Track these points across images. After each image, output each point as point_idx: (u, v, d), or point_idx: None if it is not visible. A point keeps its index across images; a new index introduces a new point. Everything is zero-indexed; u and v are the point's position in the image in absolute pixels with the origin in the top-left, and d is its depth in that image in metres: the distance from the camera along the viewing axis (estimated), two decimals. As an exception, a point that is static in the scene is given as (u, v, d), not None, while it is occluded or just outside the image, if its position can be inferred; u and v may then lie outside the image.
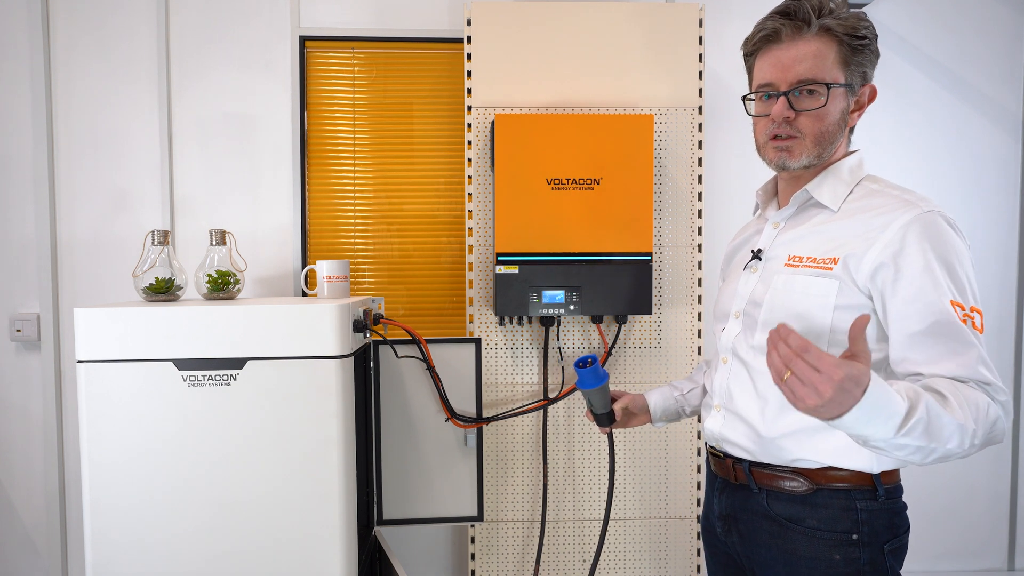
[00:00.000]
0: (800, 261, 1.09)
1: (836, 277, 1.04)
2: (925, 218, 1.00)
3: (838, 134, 1.11)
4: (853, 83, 1.09)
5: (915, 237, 0.99)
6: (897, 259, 1.00)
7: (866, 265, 1.02)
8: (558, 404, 2.05)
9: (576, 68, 2.03)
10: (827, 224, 1.10)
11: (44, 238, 2.18)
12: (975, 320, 0.98)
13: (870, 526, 1.07)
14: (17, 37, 2.17)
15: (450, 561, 2.33)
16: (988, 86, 2.37)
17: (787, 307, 1.09)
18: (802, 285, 1.07)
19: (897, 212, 1.02)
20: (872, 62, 1.10)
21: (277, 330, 1.37)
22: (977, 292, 1.01)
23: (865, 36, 1.07)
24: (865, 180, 1.12)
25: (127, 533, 1.37)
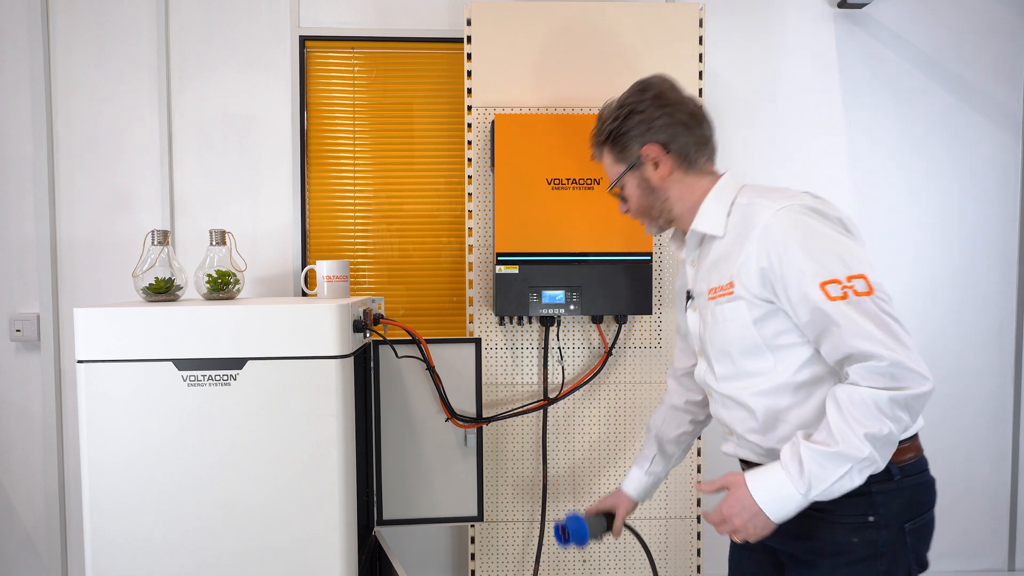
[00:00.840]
0: (715, 292, 1.18)
1: (739, 297, 1.13)
2: (775, 219, 1.09)
3: (652, 200, 1.26)
4: (633, 162, 1.24)
5: (771, 239, 1.08)
6: (768, 264, 1.09)
7: (751, 279, 1.11)
8: (558, 404, 2.05)
9: (576, 68, 2.02)
10: (721, 251, 1.19)
11: (44, 238, 2.18)
12: (856, 286, 1.03)
13: (887, 508, 1.10)
14: (17, 37, 2.17)
15: (450, 561, 2.33)
16: (988, 86, 2.37)
17: (722, 337, 1.18)
18: (722, 314, 1.17)
19: (754, 221, 1.11)
20: (633, 134, 1.23)
21: (277, 330, 1.37)
22: (857, 257, 1.06)
23: (610, 131, 1.25)
24: (738, 197, 1.19)
25: (127, 533, 1.37)
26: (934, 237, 2.38)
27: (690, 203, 1.24)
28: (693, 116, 1.23)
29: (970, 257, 2.39)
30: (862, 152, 2.36)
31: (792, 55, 2.33)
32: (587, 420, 2.07)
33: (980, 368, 2.41)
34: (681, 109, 1.22)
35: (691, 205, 1.24)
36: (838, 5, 2.32)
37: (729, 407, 1.23)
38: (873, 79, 2.35)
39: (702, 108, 1.26)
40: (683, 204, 1.24)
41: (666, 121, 1.21)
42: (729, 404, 1.23)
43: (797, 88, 2.33)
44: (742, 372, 1.18)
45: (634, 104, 1.23)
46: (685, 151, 1.22)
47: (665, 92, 1.23)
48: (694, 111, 1.24)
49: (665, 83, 1.25)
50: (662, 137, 1.22)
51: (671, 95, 1.24)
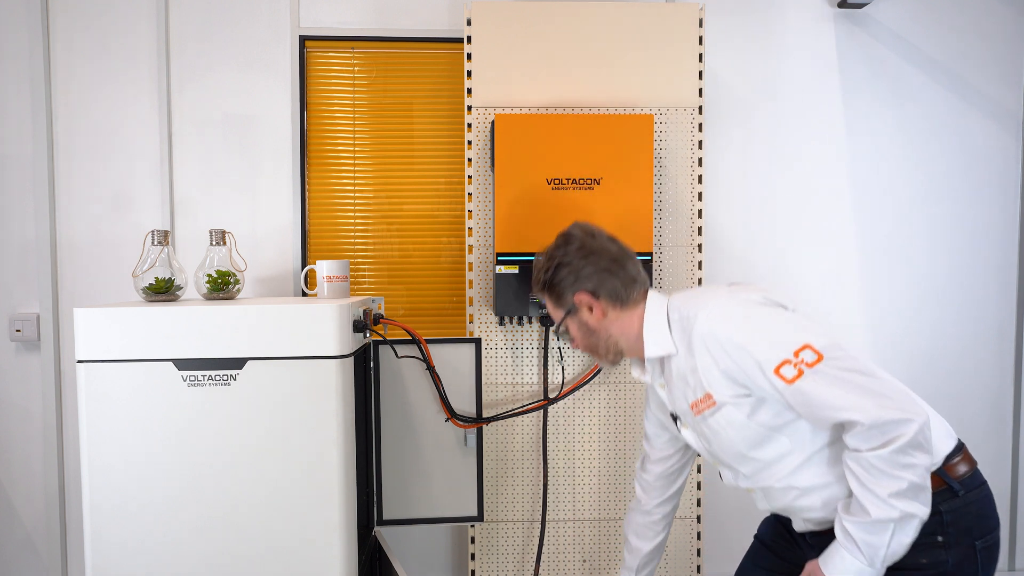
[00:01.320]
0: (697, 406, 1.22)
1: (723, 404, 1.17)
2: (707, 326, 1.15)
3: (594, 340, 1.32)
4: (570, 307, 1.31)
5: (715, 345, 1.13)
6: (726, 366, 1.13)
7: (721, 385, 1.16)
8: (558, 404, 2.05)
9: (576, 68, 2.02)
10: (680, 368, 1.23)
11: (44, 238, 2.18)
12: (805, 358, 1.07)
13: (956, 526, 1.12)
14: (17, 37, 2.17)
15: (450, 561, 2.33)
16: (988, 86, 2.37)
17: (728, 443, 1.21)
18: (716, 424, 1.20)
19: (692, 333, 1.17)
20: (565, 287, 1.30)
21: (277, 330, 1.37)
22: (795, 328, 1.11)
23: (545, 281, 1.32)
24: (670, 313, 1.25)
25: (127, 533, 1.37)
26: (934, 237, 2.38)
27: (633, 335, 1.29)
28: (615, 260, 1.29)
29: (970, 257, 2.39)
30: (862, 152, 2.36)
31: (792, 55, 2.33)
32: (587, 420, 2.07)
33: (980, 368, 2.41)
34: (604, 256, 1.29)
35: (635, 336, 1.29)
36: (838, 5, 2.32)
37: (777, 496, 1.24)
38: (873, 79, 2.35)
39: (624, 249, 1.32)
40: (627, 338, 1.30)
41: (591, 270, 1.28)
42: (775, 494, 1.24)
43: (797, 88, 2.33)
44: (767, 462, 1.20)
45: (561, 257, 1.30)
46: (615, 293, 1.28)
47: (586, 243, 1.30)
48: (616, 255, 1.30)
49: (586, 233, 1.32)
50: (590, 285, 1.28)
51: (592, 244, 1.30)
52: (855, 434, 1.04)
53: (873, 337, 2.37)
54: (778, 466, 1.19)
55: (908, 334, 2.37)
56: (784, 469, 1.19)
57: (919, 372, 2.38)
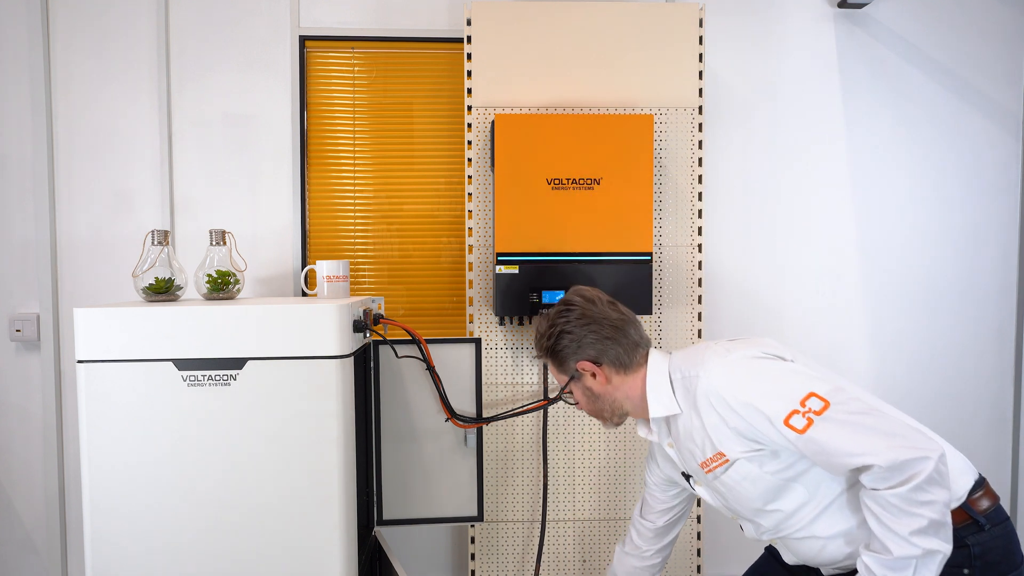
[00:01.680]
0: (708, 464, 1.22)
1: (737, 459, 1.17)
2: (711, 386, 1.16)
3: (599, 405, 1.34)
4: (573, 374, 1.32)
5: (721, 405, 1.14)
6: (736, 424, 1.14)
7: (732, 441, 1.16)
8: (558, 404, 2.05)
9: (576, 68, 2.02)
10: (686, 427, 1.24)
11: (44, 238, 2.18)
12: (812, 407, 1.08)
13: (983, 559, 1.12)
14: (17, 37, 2.17)
15: (450, 561, 2.33)
16: (989, 86, 2.37)
17: (745, 498, 1.21)
18: (731, 480, 1.20)
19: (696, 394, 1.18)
20: (567, 355, 1.31)
21: (277, 330, 1.37)
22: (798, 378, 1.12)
23: (548, 348, 1.33)
24: (673, 373, 1.26)
25: (127, 533, 1.37)
26: (934, 237, 2.38)
27: (637, 397, 1.30)
28: (616, 327, 1.29)
29: (970, 257, 2.39)
30: (862, 152, 2.36)
31: (792, 55, 2.33)
32: (587, 420, 2.07)
33: (980, 368, 2.41)
34: (604, 324, 1.29)
35: (639, 398, 1.30)
36: (838, 5, 2.32)
37: (800, 545, 1.23)
38: (873, 79, 2.35)
39: (624, 315, 1.32)
40: (631, 401, 1.31)
41: (593, 339, 1.29)
42: (797, 545, 1.24)
43: (797, 88, 2.33)
44: (787, 513, 1.20)
45: (563, 325, 1.31)
46: (617, 359, 1.29)
47: (587, 311, 1.30)
48: (616, 322, 1.30)
49: (586, 300, 1.32)
50: (592, 353, 1.29)
51: (592, 312, 1.30)
52: (872, 475, 1.04)
53: (872, 337, 2.37)
54: (797, 516, 1.19)
55: (908, 334, 2.37)
56: (803, 519, 1.19)
57: (919, 372, 2.38)
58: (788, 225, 2.34)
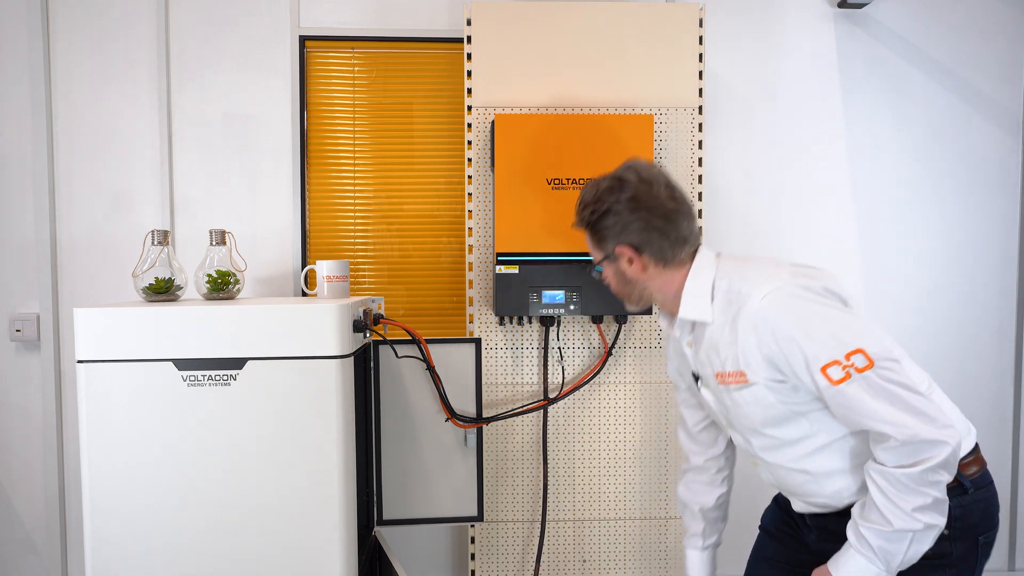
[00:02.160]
0: (724, 378, 1.18)
1: (755, 383, 1.13)
2: (762, 308, 1.09)
3: (628, 289, 1.28)
4: (608, 253, 1.25)
5: (765, 329, 1.09)
6: (770, 351, 1.09)
7: (759, 365, 1.12)
8: (558, 404, 2.05)
9: (576, 68, 2.02)
10: (714, 337, 1.18)
11: (44, 238, 2.18)
12: (856, 363, 1.04)
13: (963, 521, 1.12)
14: (17, 37, 2.17)
15: (450, 561, 2.33)
16: (989, 86, 2.37)
17: (750, 418, 1.18)
18: (741, 398, 1.17)
19: (742, 310, 1.12)
20: (608, 235, 1.23)
21: (277, 330, 1.37)
22: (851, 330, 1.06)
23: (589, 221, 1.25)
24: (716, 281, 1.19)
25: (127, 532, 1.37)
26: (934, 237, 2.38)
27: (671, 293, 1.24)
28: (667, 218, 1.21)
29: (970, 257, 2.39)
30: (862, 152, 2.36)
31: (792, 55, 2.33)
32: (587, 420, 2.07)
33: (980, 369, 2.40)
34: (656, 213, 1.20)
35: (672, 295, 1.24)
36: (838, 5, 2.31)
37: (783, 474, 1.23)
38: (873, 79, 2.35)
39: (679, 204, 1.22)
40: (663, 294, 1.26)
41: (640, 226, 1.21)
42: (781, 472, 1.23)
43: (797, 88, 2.33)
44: (782, 441, 1.18)
45: (610, 204, 1.22)
46: (660, 252, 1.22)
47: (640, 195, 1.21)
48: (668, 214, 1.21)
49: (641, 184, 1.21)
50: (635, 240, 1.21)
51: (646, 198, 1.20)
52: (886, 448, 1.03)
53: (873, 337, 2.37)
54: (793, 448, 1.18)
55: (908, 334, 2.37)
56: (798, 452, 1.17)
57: (919, 372, 2.38)
58: (788, 225, 2.34)
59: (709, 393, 1.26)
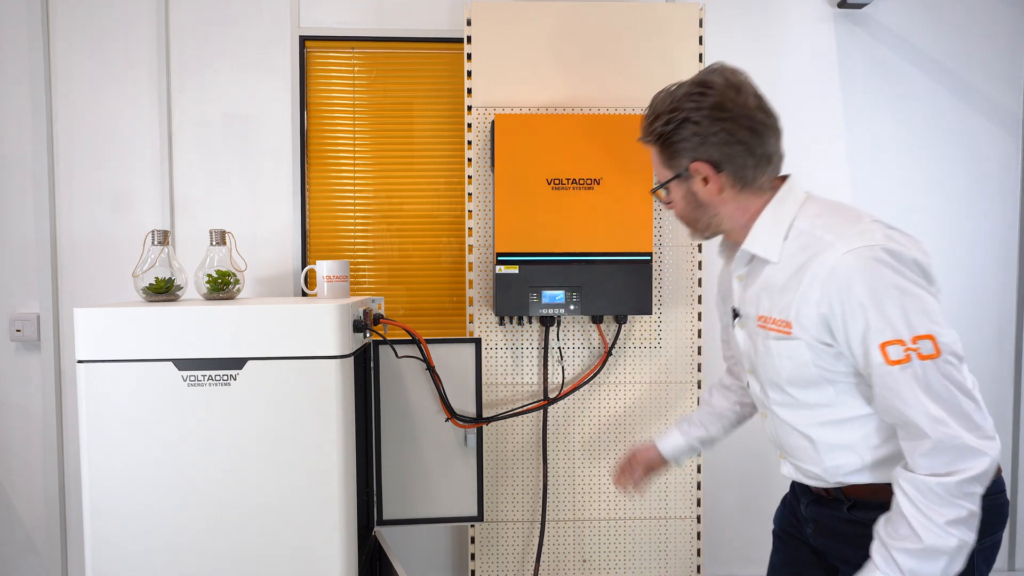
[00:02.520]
0: (767, 322, 1.10)
1: (797, 338, 1.05)
2: (841, 265, 0.99)
3: (697, 214, 1.17)
4: (680, 171, 1.13)
5: (836, 287, 0.99)
6: (830, 311, 1.00)
7: (810, 322, 1.03)
8: (558, 404, 2.05)
9: (576, 68, 2.02)
10: (774, 278, 1.09)
11: (44, 238, 2.18)
12: (921, 348, 0.95)
13: None
14: (17, 37, 2.17)
15: (450, 561, 2.33)
16: (989, 86, 2.37)
17: (777, 371, 1.11)
18: (776, 349, 1.09)
19: (819, 259, 1.01)
20: (684, 148, 1.10)
21: (277, 330, 1.37)
22: (927, 313, 0.97)
23: (660, 132, 1.12)
24: (797, 219, 1.09)
25: (127, 532, 1.37)
26: (934, 237, 2.38)
27: (742, 221, 1.14)
28: (755, 132, 1.08)
29: (970, 257, 2.39)
30: (862, 152, 2.36)
31: (792, 55, 2.33)
32: (587, 420, 2.07)
33: (980, 369, 2.40)
34: (742, 124, 1.07)
35: (743, 223, 1.14)
36: (838, 5, 2.32)
37: (787, 433, 1.17)
38: (873, 79, 2.35)
39: (769, 116, 1.10)
40: (733, 221, 1.15)
41: (723, 139, 1.08)
42: (787, 430, 1.16)
43: (797, 88, 2.33)
44: (799, 403, 1.11)
45: (689, 112, 1.08)
46: (741, 172, 1.10)
47: (726, 102, 1.07)
48: (756, 126, 1.08)
49: (729, 89, 1.09)
50: (715, 155, 1.09)
51: (733, 105, 1.08)
52: (920, 450, 0.95)
53: (873, 337, 2.37)
54: (809, 412, 1.10)
55: (908, 334, 2.37)
56: (812, 418, 1.10)
57: (919, 372, 2.37)
58: (788, 225, 2.34)
59: (743, 334, 1.18)
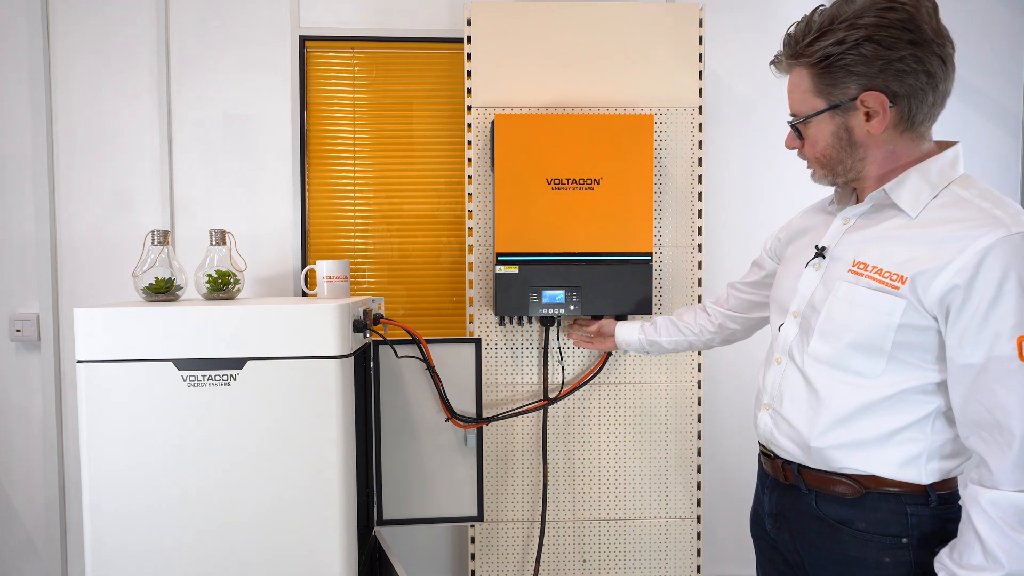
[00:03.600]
0: (865, 269, 1.01)
1: (903, 296, 0.96)
2: (1012, 241, 0.89)
3: (843, 155, 1.05)
4: (839, 101, 1.01)
5: (995, 261, 0.89)
6: (970, 283, 0.90)
7: (937, 287, 0.93)
8: (558, 404, 2.05)
9: (576, 68, 2.03)
10: (901, 231, 0.99)
11: (44, 238, 2.18)
12: None
13: (920, 530, 1.04)
14: (17, 37, 2.17)
15: (450, 561, 2.33)
16: (989, 87, 2.37)
17: (846, 319, 1.03)
18: (864, 299, 1.00)
19: (981, 230, 0.91)
20: (857, 72, 0.97)
21: (277, 330, 1.37)
22: None
23: (829, 54, 0.98)
24: (955, 184, 0.99)
25: (127, 533, 1.37)
26: (934, 237, 2.37)
27: (889, 168, 1.02)
28: (944, 63, 0.95)
29: (970, 257, 2.39)
30: (862, 152, 2.35)
31: (792, 55, 2.32)
32: (587, 420, 2.07)
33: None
34: (934, 51, 0.94)
35: (889, 170, 1.02)
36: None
37: (794, 386, 1.11)
38: (873, 79, 2.34)
39: (953, 52, 0.98)
40: (880, 168, 1.03)
41: (912, 66, 0.93)
42: (798, 385, 1.10)
43: (797, 88, 2.33)
44: (843, 365, 1.04)
45: (874, 28, 0.93)
46: (916, 109, 0.97)
47: (920, 21, 0.93)
48: (946, 56, 0.95)
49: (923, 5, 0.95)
50: (896, 87, 0.95)
51: (926, 26, 0.94)
52: (1002, 461, 0.90)
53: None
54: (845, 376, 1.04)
55: (908, 334, 2.37)
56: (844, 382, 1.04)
57: (919, 372, 2.37)
58: (788, 225, 2.34)
59: (816, 276, 1.09)
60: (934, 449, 1.01)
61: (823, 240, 1.13)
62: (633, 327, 1.71)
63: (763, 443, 1.23)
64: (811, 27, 1.00)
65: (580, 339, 1.93)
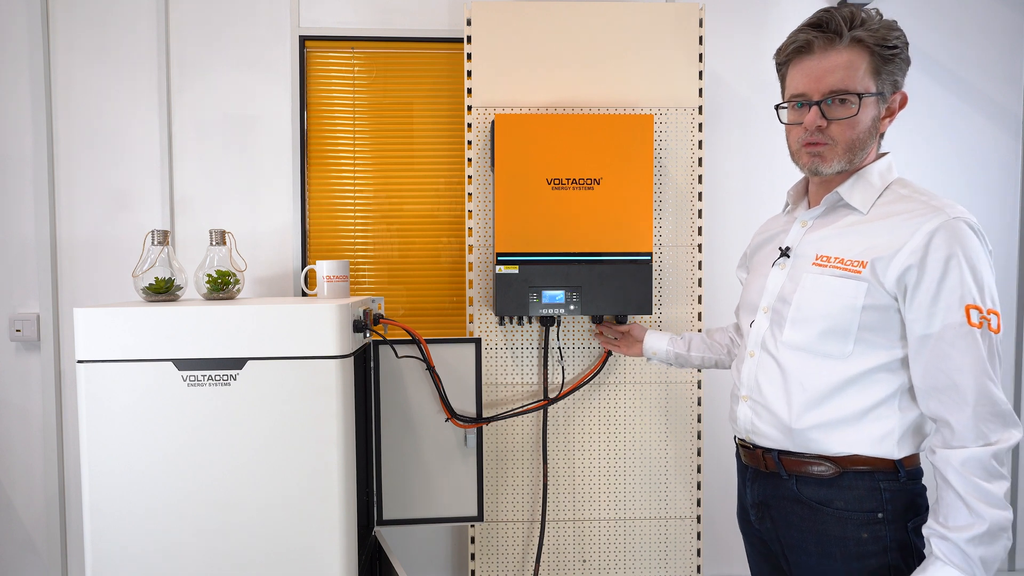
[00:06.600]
0: (828, 261, 1.14)
1: (864, 280, 1.09)
2: (951, 224, 1.05)
3: (869, 141, 1.16)
4: (884, 91, 1.14)
5: (940, 242, 1.04)
6: (922, 263, 1.05)
7: (893, 269, 1.07)
8: (558, 404, 2.05)
9: (576, 68, 2.03)
10: (856, 226, 1.14)
11: (44, 238, 2.18)
12: (991, 322, 1.03)
13: (893, 504, 1.13)
14: (17, 37, 2.17)
15: (450, 561, 2.33)
16: (989, 86, 2.37)
17: (815, 306, 1.14)
18: (830, 286, 1.12)
19: (925, 217, 1.07)
20: (903, 70, 1.14)
21: (277, 330, 1.37)
22: (995, 293, 1.06)
23: (895, 45, 1.12)
24: (894, 184, 1.17)
25: (127, 533, 1.37)
26: (934, 237, 2.37)
27: (860, 164, 1.18)
28: None
29: (970, 257, 2.39)
30: (862, 152, 2.35)
31: (792, 55, 2.32)
32: (587, 420, 2.07)
33: (980, 368, 2.40)
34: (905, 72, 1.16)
35: (858, 166, 1.18)
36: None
37: (770, 374, 1.21)
38: (873, 79, 2.34)
39: None
40: (863, 162, 1.18)
41: (903, 78, 1.16)
42: (774, 373, 1.20)
43: (797, 88, 2.33)
44: (815, 349, 1.15)
45: (903, 43, 1.14)
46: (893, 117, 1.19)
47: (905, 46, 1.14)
48: None
49: None
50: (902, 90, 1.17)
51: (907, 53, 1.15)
52: (960, 415, 1.01)
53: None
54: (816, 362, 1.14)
55: (908, 334, 2.37)
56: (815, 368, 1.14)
57: (919, 372, 2.37)
58: (788, 225, 2.34)
59: (782, 274, 1.22)
60: (903, 426, 1.11)
61: (785, 242, 1.26)
62: (663, 338, 1.71)
63: (742, 436, 1.29)
64: (862, 16, 1.13)
65: (607, 340, 1.93)
